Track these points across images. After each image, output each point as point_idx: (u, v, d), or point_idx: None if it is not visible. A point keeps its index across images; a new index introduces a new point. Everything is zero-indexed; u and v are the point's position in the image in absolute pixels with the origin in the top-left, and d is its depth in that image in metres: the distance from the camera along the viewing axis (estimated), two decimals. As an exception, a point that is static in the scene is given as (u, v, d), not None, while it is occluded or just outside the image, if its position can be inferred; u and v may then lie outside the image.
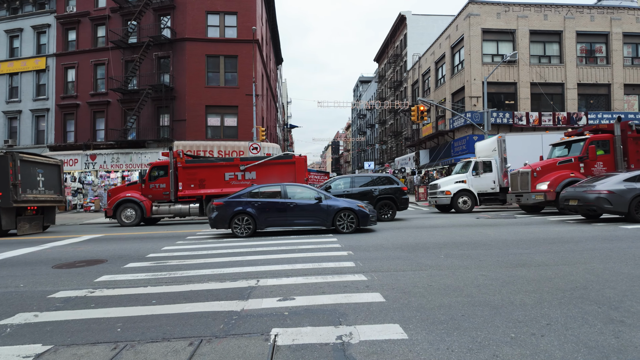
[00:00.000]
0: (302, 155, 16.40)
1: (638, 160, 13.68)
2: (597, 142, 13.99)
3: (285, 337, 3.20)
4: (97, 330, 3.53)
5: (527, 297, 4.06)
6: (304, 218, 10.26)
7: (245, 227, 10.16)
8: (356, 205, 10.35)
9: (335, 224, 10.25)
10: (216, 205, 10.35)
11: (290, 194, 10.50)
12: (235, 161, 15.98)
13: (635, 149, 13.69)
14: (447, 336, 3.11)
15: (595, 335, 3.05)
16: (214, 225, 10.34)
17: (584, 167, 13.75)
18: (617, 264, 5.52)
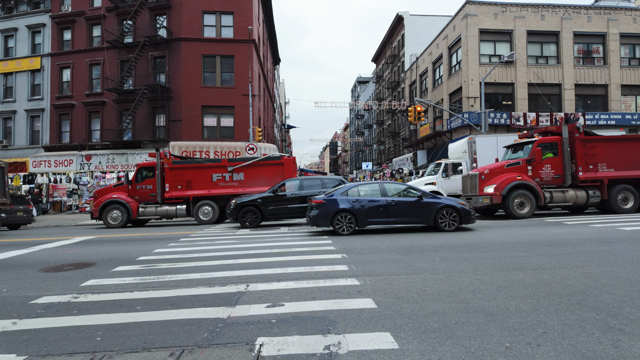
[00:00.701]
0: (290, 157, 16.28)
1: (586, 163, 13.53)
2: (546, 144, 13.91)
3: (270, 347, 3.06)
4: (75, 340, 3.38)
5: (523, 303, 3.94)
6: (404, 216, 10.23)
7: (347, 225, 10.12)
8: (458, 203, 10.30)
9: (437, 222, 10.17)
10: (316, 203, 10.32)
11: (389, 192, 10.45)
12: (222, 162, 15.83)
13: (583, 151, 13.56)
14: (439, 346, 2.98)
15: (594, 344, 2.93)
16: (314, 222, 10.33)
17: (532, 169, 13.63)
18: (615, 268, 5.40)
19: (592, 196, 13.35)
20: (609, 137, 14.33)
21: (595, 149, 13.62)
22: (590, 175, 13.44)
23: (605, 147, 13.72)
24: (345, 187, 10.68)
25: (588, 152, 13.57)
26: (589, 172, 13.48)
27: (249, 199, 13.36)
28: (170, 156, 15.87)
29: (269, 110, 40.95)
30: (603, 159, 13.60)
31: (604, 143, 13.83)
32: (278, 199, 13.41)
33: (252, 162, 15.69)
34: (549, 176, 13.67)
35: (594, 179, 13.43)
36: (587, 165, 13.53)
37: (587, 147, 13.61)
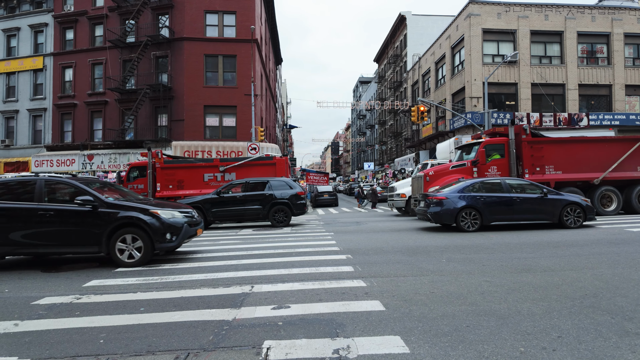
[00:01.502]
0: (283, 157, 16.21)
1: (532, 165, 13.32)
2: (493, 146, 13.74)
3: (278, 350, 2.98)
4: (78, 342, 3.31)
5: (535, 306, 3.85)
6: (529, 213, 10.16)
7: (472, 222, 10.01)
8: (581, 200, 10.25)
9: (562, 219, 10.11)
10: (438, 199, 10.20)
11: (512, 188, 10.34)
12: (214, 162, 15.76)
13: (530, 153, 13.34)
14: (451, 350, 2.90)
15: (611, 349, 2.84)
16: (438, 219, 10.22)
17: (477, 171, 13.48)
18: (626, 270, 5.31)
19: None
20: (557, 138, 14.03)
21: (542, 151, 13.37)
22: (537, 177, 13.17)
23: (553, 149, 13.45)
24: (467, 182, 10.51)
25: (535, 154, 13.33)
26: (536, 175, 13.22)
27: (191, 201, 12.93)
28: (162, 156, 15.81)
29: (271, 110, 40.90)
30: (551, 161, 13.34)
31: (551, 145, 13.57)
32: (222, 200, 12.96)
33: (244, 162, 15.61)
34: None
35: (540, 181, 13.13)
36: (533, 167, 13.29)
37: (534, 149, 13.35)
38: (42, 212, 6.55)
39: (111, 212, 6.58)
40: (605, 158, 13.39)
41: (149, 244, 6.59)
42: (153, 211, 6.72)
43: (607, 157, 13.40)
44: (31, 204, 6.63)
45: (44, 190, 6.77)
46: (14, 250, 6.65)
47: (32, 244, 6.55)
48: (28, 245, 6.57)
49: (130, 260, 6.60)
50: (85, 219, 6.54)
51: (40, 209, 6.57)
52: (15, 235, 6.51)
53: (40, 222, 6.52)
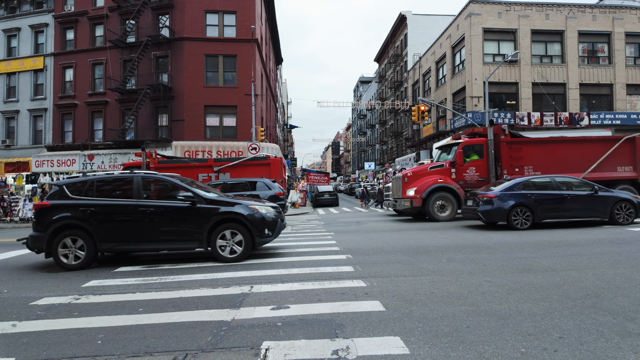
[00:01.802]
0: (277, 157, 16.18)
1: (511, 166, 13.19)
2: (472, 146, 13.65)
3: (276, 351, 2.96)
4: (76, 343, 3.29)
5: (536, 306, 3.82)
6: (580, 210, 10.14)
7: (524, 220, 9.97)
8: (632, 196, 10.27)
9: (613, 216, 10.11)
10: (489, 197, 10.16)
11: (563, 186, 10.31)
12: (209, 162, 15.75)
13: (509, 154, 13.22)
14: (451, 351, 2.87)
15: (613, 350, 2.81)
16: (489, 218, 10.18)
17: (456, 172, 13.36)
18: (627, 269, 5.27)
19: None
20: (536, 139, 13.89)
21: (521, 152, 13.26)
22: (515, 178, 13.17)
23: (532, 150, 13.33)
24: (516, 181, 10.45)
25: (514, 155, 13.21)
26: (514, 175, 13.06)
27: None
28: (156, 156, 15.80)
29: (272, 110, 40.87)
30: (529, 161, 13.21)
31: (530, 145, 13.47)
32: None
33: (238, 162, 15.60)
34: (474, 179, 13.38)
35: None
36: (512, 168, 13.18)
37: (512, 150, 13.24)
38: (143, 209, 6.58)
39: (211, 208, 6.59)
40: (585, 158, 13.25)
41: (249, 239, 6.60)
42: (253, 206, 6.76)
43: (587, 157, 13.26)
44: (132, 200, 6.64)
45: (141, 186, 6.79)
46: (115, 247, 6.63)
47: (133, 240, 6.56)
48: (129, 242, 6.58)
49: (232, 256, 6.59)
50: (186, 215, 6.55)
51: (141, 205, 6.59)
52: (117, 232, 6.55)
53: (141, 219, 6.55)
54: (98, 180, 6.89)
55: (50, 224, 6.49)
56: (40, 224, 6.59)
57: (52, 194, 6.82)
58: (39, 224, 6.60)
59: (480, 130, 14.20)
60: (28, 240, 6.69)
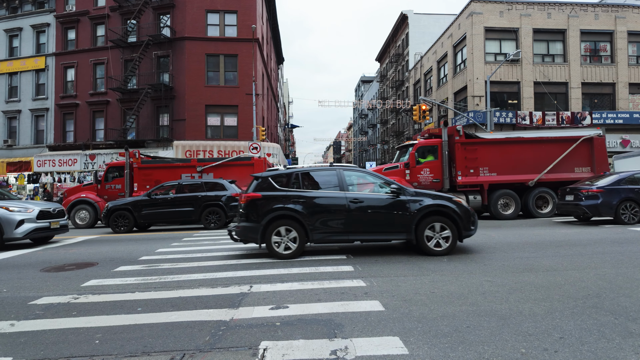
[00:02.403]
0: (261, 157, 16.15)
1: (466, 167, 12.99)
2: (427, 147, 13.54)
3: (275, 351, 2.94)
4: (73, 342, 3.28)
5: (537, 307, 3.79)
6: None
7: (632, 215, 9.91)
8: None
9: None
10: (594, 192, 10.01)
11: None
12: (192, 162, 15.76)
13: (463, 155, 13.04)
14: (451, 351, 2.85)
15: (614, 351, 2.78)
16: (595, 212, 10.04)
17: (410, 173, 13.27)
18: (630, 269, 5.24)
19: (472, 201, 12.85)
20: (491, 139, 13.71)
21: (476, 153, 13.10)
22: (470, 179, 12.94)
23: (487, 150, 13.16)
24: (621, 175, 10.30)
25: (469, 156, 13.06)
26: (469, 177, 12.97)
27: (121, 202, 12.70)
28: (139, 156, 15.84)
29: (273, 109, 40.86)
30: (485, 162, 13.05)
31: (485, 146, 13.30)
32: (153, 203, 12.71)
33: (221, 163, 15.60)
34: (428, 180, 13.29)
35: (473, 183, 12.89)
36: (467, 169, 13.03)
37: (467, 151, 13.09)
38: (353, 201, 6.73)
39: (416, 200, 6.67)
40: (542, 159, 13.08)
41: (456, 233, 6.63)
42: (456, 199, 6.76)
43: (544, 158, 13.09)
44: (341, 192, 6.76)
45: (345, 179, 6.95)
46: (325, 238, 6.73)
47: (343, 231, 6.67)
48: (339, 233, 6.69)
49: (438, 249, 6.60)
50: (394, 207, 6.65)
51: (350, 197, 6.72)
52: (329, 223, 6.65)
53: (351, 211, 6.64)
54: (302, 172, 7.09)
55: (265, 214, 6.63)
56: (253, 215, 6.70)
57: (257, 185, 6.91)
58: (252, 214, 6.71)
59: (436, 131, 14.11)
60: (238, 230, 6.83)
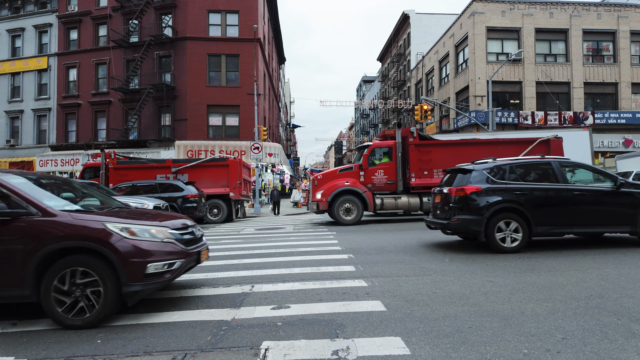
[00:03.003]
0: (236, 158, 16.20)
1: (420, 169, 12.91)
2: (382, 149, 13.47)
3: (276, 351, 2.94)
4: (75, 342, 3.28)
5: (539, 307, 3.78)
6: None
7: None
8: None
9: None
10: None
11: None
12: (167, 163, 15.89)
13: (417, 157, 12.92)
14: (453, 352, 2.84)
15: (617, 352, 2.77)
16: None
17: (364, 175, 13.13)
18: (632, 270, 5.21)
19: (426, 203, 12.73)
20: (445, 141, 13.65)
21: (430, 154, 12.99)
22: (424, 181, 12.82)
23: (441, 152, 13.05)
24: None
25: (423, 158, 12.95)
26: (423, 178, 12.84)
27: None
28: (115, 156, 15.94)
29: (274, 109, 40.88)
30: (439, 164, 12.89)
31: (439, 148, 13.23)
32: None
33: (196, 164, 15.68)
34: (382, 182, 13.15)
35: (426, 185, 12.74)
36: (421, 171, 12.93)
37: (421, 152, 12.98)
38: (576, 193, 6.69)
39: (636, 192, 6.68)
40: None
41: None
42: None
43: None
44: (562, 184, 6.75)
45: (561, 171, 6.88)
46: (549, 231, 6.72)
47: (566, 224, 6.66)
48: (562, 226, 6.68)
49: None
50: (617, 198, 6.67)
51: (572, 189, 6.70)
52: (552, 216, 6.65)
53: (573, 203, 6.63)
54: (517, 165, 7.02)
55: (487, 207, 6.56)
56: (474, 208, 6.63)
57: (472, 178, 6.86)
58: (472, 207, 6.65)
59: (391, 132, 14.06)
60: (456, 224, 6.78)
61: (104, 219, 3.79)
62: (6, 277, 3.59)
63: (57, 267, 3.58)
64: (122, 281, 3.59)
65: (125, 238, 3.68)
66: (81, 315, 3.57)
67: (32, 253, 3.55)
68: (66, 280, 3.58)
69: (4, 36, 30.16)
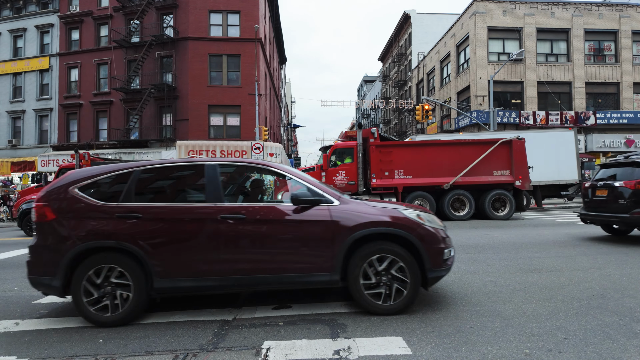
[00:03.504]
0: None
1: (381, 170, 12.88)
2: (344, 149, 13.47)
3: (277, 351, 2.94)
4: (77, 342, 3.29)
5: (541, 307, 3.78)
6: None
7: None
8: None
9: None
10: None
11: None
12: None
13: (378, 158, 12.89)
14: (454, 352, 2.84)
15: (619, 352, 2.77)
16: None
17: (326, 176, 13.13)
18: (634, 270, 5.21)
19: None
20: (406, 142, 13.70)
21: (391, 155, 12.99)
22: (384, 182, 12.83)
23: (403, 153, 13.08)
24: None
25: (384, 159, 12.94)
26: (384, 179, 12.83)
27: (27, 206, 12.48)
28: (89, 157, 16.02)
29: (275, 109, 40.91)
30: (400, 165, 12.93)
31: (400, 149, 13.26)
32: None
33: None
34: (343, 183, 13.18)
35: (387, 186, 12.77)
36: (382, 172, 12.91)
37: (382, 153, 12.97)
38: None
39: None
40: (460, 162, 12.92)
41: None
42: None
43: (462, 160, 12.93)
44: None
45: None
46: None
47: None
48: None
49: None
50: None
51: None
52: None
53: None
54: None
55: None
56: None
57: None
58: None
59: (353, 133, 14.07)
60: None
61: (397, 207, 3.93)
62: (317, 262, 3.68)
63: (365, 253, 3.66)
64: (427, 267, 3.67)
65: (423, 225, 3.77)
66: (387, 301, 3.66)
67: (341, 239, 3.65)
68: (374, 266, 3.69)
69: (5, 36, 30.23)
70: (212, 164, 3.99)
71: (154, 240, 3.66)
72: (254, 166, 4.20)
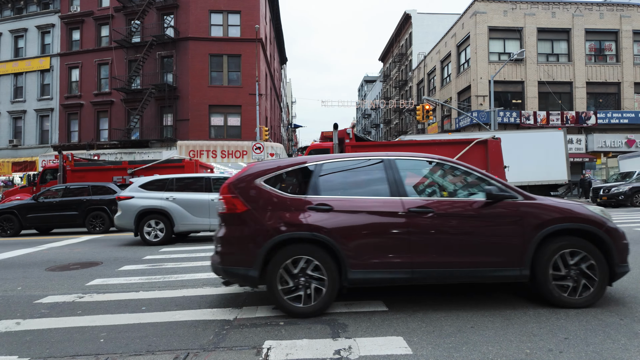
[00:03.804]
0: (192, 159, 16.30)
1: None
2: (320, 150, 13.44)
3: (278, 351, 2.95)
4: (79, 341, 3.30)
5: (542, 307, 3.77)
6: None
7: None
8: None
9: None
10: None
11: None
12: (123, 164, 16.12)
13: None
14: (455, 352, 2.84)
15: (620, 352, 2.77)
16: None
17: None
18: (635, 270, 5.20)
19: None
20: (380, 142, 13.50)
21: None
22: None
23: None
24: None
25: None
26: None
27: (6, 206, 12.50)
28: (72, 158, 16.08)
29: (276, 109, 40.92)
30: None
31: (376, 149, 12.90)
32: (39, 206, 12.40)
33: (152, 165, 15.80)
34: None
35: None
36: None
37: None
38: None
39: None
40: None
41: None
42: None
43: None
44: None
45: None
46: None
47: None
48: None
49: None
50: None
51: None
52: None
53: None
54: None
55: None
56: None
57: None
58: None
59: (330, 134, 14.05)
60: None
61: (580, 203, 4.00)
62: (507, 257, 3.73)
63: (555, 248, 3.72)
64: (615, 262, 3.73)
65: (609, 220, 3.87)
66: (572, 295, 3.72)
67: (532, 234, 3.71)
68: (566, 261, 3.74)
69: (6, 37, 30.27)
70: (391, 159, 4.08)
71: (346, 232, 3.69)
72: (434, 161, 4.22)
